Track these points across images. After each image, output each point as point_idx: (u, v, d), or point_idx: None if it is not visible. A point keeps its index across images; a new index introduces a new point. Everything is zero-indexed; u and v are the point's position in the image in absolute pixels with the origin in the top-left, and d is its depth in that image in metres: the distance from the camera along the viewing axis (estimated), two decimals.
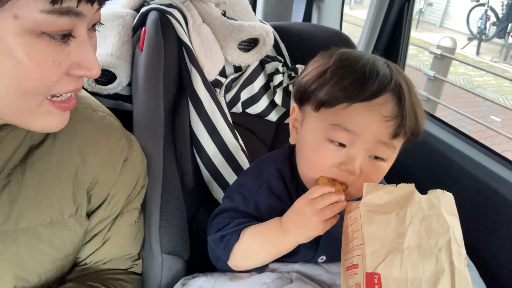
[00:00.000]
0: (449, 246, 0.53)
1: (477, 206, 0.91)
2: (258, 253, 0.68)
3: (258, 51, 1.06)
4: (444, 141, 1.03)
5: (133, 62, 0.96)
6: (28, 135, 0.61)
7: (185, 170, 0.93)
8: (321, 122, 0.66)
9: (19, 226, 0.60)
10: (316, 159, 0.66)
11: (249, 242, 0.67)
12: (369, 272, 0.52)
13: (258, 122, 1.10)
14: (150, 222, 0.77)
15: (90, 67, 0.52)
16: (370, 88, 0.62)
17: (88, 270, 0.74)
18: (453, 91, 5.03)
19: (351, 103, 0.62)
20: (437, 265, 0.52)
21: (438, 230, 0.54)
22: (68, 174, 0.64)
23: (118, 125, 0.73)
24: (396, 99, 0.63)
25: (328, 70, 0.66)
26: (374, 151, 0.64)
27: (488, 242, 0.88)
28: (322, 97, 0.65)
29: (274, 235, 0.65)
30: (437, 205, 0.56)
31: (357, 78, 0.63)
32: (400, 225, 0.54)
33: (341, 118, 0.63)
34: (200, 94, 0.92)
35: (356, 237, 0.56)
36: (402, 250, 0.53)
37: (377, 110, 0.62)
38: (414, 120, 0.64)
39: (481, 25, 7.04)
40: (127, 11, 1.01)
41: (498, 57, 6.74)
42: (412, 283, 0.51)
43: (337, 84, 0.64)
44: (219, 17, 1.02)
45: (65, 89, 0.52)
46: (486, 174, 0.90)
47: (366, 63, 0.65)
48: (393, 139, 0.63)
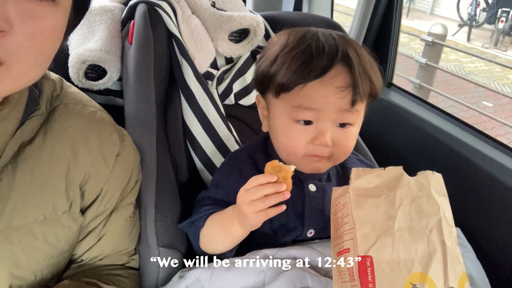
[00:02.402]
0: (440, 226, 0.54)
1: (469, 188, 0.92)
2: (217, 239, 0.71)
3: (249, 41, 1.06)
4: (436, 125, 1.04)
5: (123, 56, 0.94)
6: (18, 132, 0.61)
7: (178, 163, 0.92)
8: (284, 106, 0.69)
9: (12, 224, 0.60)
10: (290, 142, 0.70)
11: (210, 228, 0.72)
12: (361, 255, 0.52)
13: (252, 114, 1.10)
14: (146, 216, 0.77)
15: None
16: (320, 64, 0.65)
17: (84, 267, 0.74)
18: (445, 78, 5.06)
19: (306, 83, 0.66)
20: (429, 245, 0.52)
21: (428, 211, 0.55)
22: (60, 170, 0.64)
23: (109, 120, 0.72)
24: (346, 69, 0.66)
25: (278, 57, 0.69)
26: (340, 119, 0.68)
27: (482, 223, 0.89)
28: (278, 83, 0.68)
29: (227, 222, 0.69)
30: (427, 186, 0.57)
31: (305, 58, 0.66)
32: (390, 208, 0.55)
33: (300, 99, 0.67)
34: (192, 86, 0.91)
35: (347, 221, 0.56)
36: (393, 232, 0.53)
37: (330, 84, 0.65)
38: (368, 84, 0.68)
39: (471, 12, 7.06)
40: (115, 4, 0.99)
41: (488, 43, 6.76)
42: (404, 264, 0.51)
43: (289, 68, 0.67)
44: (208, 8, 1.01)
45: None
46: (479, 157, 0.91)
47: (311, 41, 0.68)
48: (353, 106, 0.67)
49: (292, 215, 0.74)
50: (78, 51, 0.90)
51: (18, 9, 0.45)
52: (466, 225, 0.84)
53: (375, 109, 0.76)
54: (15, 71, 0.48)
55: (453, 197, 0.95)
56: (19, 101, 0.59)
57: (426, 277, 0.50)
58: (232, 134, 0.99)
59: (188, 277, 0.68)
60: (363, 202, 0.56)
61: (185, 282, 0.68)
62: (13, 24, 0.45)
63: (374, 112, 0.77)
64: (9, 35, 0.45)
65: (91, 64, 0.92)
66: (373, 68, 0.70)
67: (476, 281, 0.67)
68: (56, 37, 0.51)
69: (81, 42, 0.94)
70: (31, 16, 0.46)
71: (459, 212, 0.93)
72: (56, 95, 0.67)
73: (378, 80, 0.71)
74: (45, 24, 0.48)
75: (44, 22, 0.48)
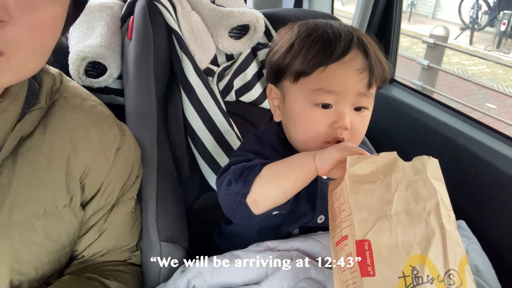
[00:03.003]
0: (438, 210, 0.53)
1: (474, 180, 0.91)
2: (284, 177, 0.65)
3: (250, 38, 1.05)
4: (439, 119, 1.04)
5: (123, 52, 0.94)
6: (18, 126, 0.60)
7: (180, 159, 0.92)
8: (303, 90, 0.69)
9: (12, 218, 0.59)
10: (310, 125, 0.70)
11: (274, 169, 0.66)
12: (359, 239, 0.51)
13: (253, 110, 1.09)
14: (147, 210, 0.76)
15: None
16: (339, 47, 0.67)
17: (85, 263, 0.73)
18: (448, 81, 5.05)
19: (326, 65, 0.67)
20: (427, 228, 0.52)
21: (425, 195, 0.54)
22: (60, 163, 0.63)
23: (109, 114, 0.72)
24: (362, 53, 0.68)
25: (295, 43, 0.70)
26: (357, 103, 0.69)
27: (487, 215, 0.87)
28: (298, 68, 0.68)
29: (303, 157, 0.65)
30: (423, 171, 0.56)
31: (324, 42, 0.68)
32: (386, 192, 0.54)
33: (321, 82, 0.67)
34: (192, 81, 0.91)
35: (344, 209, 0.56)
36: (390, 216, 0.52)
37: (350, 66, 0.67)
38: (380, 67, 0.70)
39: (473, 15, 7.06)
40: (115, 1, 1.00)
41: (491, 46, 6.76)
42: (403, 247, 0.50)
43: (308, 53, 0.68)
44: (208, 4, 1.01)
45: None
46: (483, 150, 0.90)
47: (326, 28, 0.70)
48: (369, 88, 0.69)
49: (304, 199, 0.73)
50: (78, 47, 0.90)
51: (17, 0, 0.45)
52: (471, 217, 0.83)
53: (377, 104, 0.76)
54: (14, 62, 0.48)
55: (458, 190, 0.95)
56: (19, 94, 0.59)
57: (426, 260, 0.49)
58: (233, 130, 0.98)
59: (190, 271, 0.67)
60: (359, 188, 0.55)
61: (187, 276, 0.67)
62: (12, 14, 0.44)
63: (376, 107, 0.77)
64: (8, 25, 0.45)
65: (91, 61, 0.92)
66: (382, 55, 0.73)
67: (482, 272, 0.66)
68: (55, 28, 0.51)
69: (81, 39, 0.94)
70: (30, 7, 0.46)
71: (463, 204, 0.93)
72: (55, 89, 0.67)
73: (387, 64, 0.73)
74: (44, 15, 0.48)
75: (43, 13, 0.47)
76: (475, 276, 0.64)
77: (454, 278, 0.48)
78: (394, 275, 0.48)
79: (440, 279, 0.48)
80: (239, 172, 0.67)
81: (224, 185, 0.69)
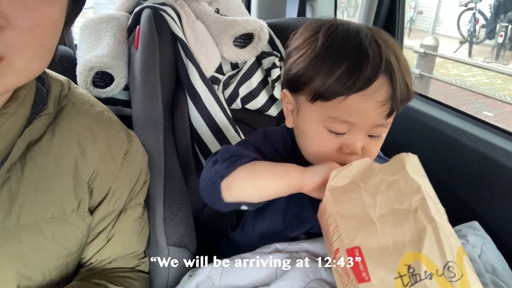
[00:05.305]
0: (425, 204, 0.51)
1: (485, 181, 0.90)
2: (267, 178, 0.64)
3: (254, 46, 1.07)
4: (444, 120, 1.04)
5: (129, 62, 0.96)
6: (27, 131, 0.61)
7: (187, 165, 0.92)
8: (318, 114, 0.65)
9: (20, 222, 0.59)
10: (319, 147, 0.67)
11: (261, 167, 0.65)
12: (349, 247, 0.51)
13: (259, 118, 1.10)
14: (155, 214, 0.76)
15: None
16: (364, 74, 0.60)
17: (93, 271, 0.72)
18: (446, 92, 5.12)
19: (348, 95, 0.61)
20: (417, 224, 0.50)
21: (409, 192, 0.53)
22: (68, 167, 0.63)
23: (117, 120, 0.72)
24: (388, 81, 0.61)
25: (318, 57, 0.63)
26: (372, 132, 0.65)
27: (500, 216, 0.86)
28: (317, 90, 0.63)
29: (293, 168, 0.64)
30: (402, 169, 0.55)
31: (350, 65, 0.61)
32: (368, 197, 0.54)
33: (339, 112, 0.62)
34: (198, 88, 0.92)
35: (330, 223, 0.56)
36: (375, 220, 0.52)
37: (372, 98, 0.61)
38: (405, 91, 0.64)
39: (471, 28, 7.14)
40: (121, 13, 1.02)
41: (490, 58, 6.81)
42: (394, 247, 0.49)
43: (330, 74, 0.61)
44: (212, 14, 1.03)
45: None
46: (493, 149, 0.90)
47: (355, 44, 0.62)
48: (387, 119, 0.64)
49: (309, 205, 0.71)
50: (85, 58, 0.92)
51: (12, 3, 0.44)
52: (485, 218, 0.82)
53: None
54: (16, 65, 0.48)
55: (469, 191, 0.94)
56: (27, 98, 0.60)
57: (421, 256, 0.47)
58: (240, 137, 0.98)
59: (199, 274, 0.66)
60: (340, 199, 0.56)
61: (195, 280, 0.66)
62: (9, 18, 0.44)
63: None
64: (6, 30, 0.45)
65: (98, 72, 0.94)
66: (408, 73, 0.66)
67: (498, 270, 0.65)
68: (54, 28, 0.51)
69: (89, 51, 0.96)
70: (26, 9, 0.46)
71: (475, 205, 0.92)
72: (64, 95, 0.68)
73: (412, 85, 0.67)
74: (41, 16, 0.48)
75: (40, 14, 0.47)
76: (491, 275, 0.63)
77: (454, 270, 0.47)
78: (390, 277, 0.47)
79: (439, 273, 0.46)
80: (228, 155, 0.66)
81: (210, 162, 0.68)
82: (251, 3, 1.45)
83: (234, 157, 0.65)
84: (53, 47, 0.54)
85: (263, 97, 1.10)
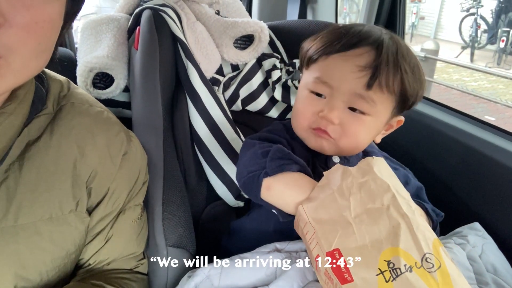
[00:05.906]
0: (396, 201, 0.54)
1: (486, 182, 0.89)
2: (293, 189, 0.64)
3: (254, 48, 1.07)
4: (444, 121, 1.04)
5: (129, 64, 0.96)
6: (25, 131, 0.60)
7: (187, 167, 0.91)
8: (308, 77, 0.71)
9: (18, 222, 0.58)
10: (301, 109, 0.72)
11: (300, 181, 0.65)
12: (329, 251, 0.52)
13: (260, 120, 1.10)
14: (153, 215, 0.76)
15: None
16: (349, 40, 0.66)
17: (91, 272, 0.72)
18: (448, 96, 5.19)
19: (329, 54, 0.67)
20: (391, 221, 0.52)
21: (379, 191, 0.56)
22: (66, 167, 0.63)
23: (116, 120, 0.72)
24: (375, 51, 0.64)
25: (318, 37, 0.72)
26: (352, 103, 0.66)
27: (502, 216, 0.86)
28: (309, 54, 0.71)
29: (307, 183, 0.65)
30: (370, 170, 0.58)
31: (339, 34, 0.68)
32: (342, 200, 0.56)
33: (321, 71, 0.68)
34: (198, 89, 0.92)
35: (307, 231, 0.57)
36: (351, 220, 0.54)
37: (352, 60, 0.64)
38: (398, 79, 0.64)
39: (473, 33, 7.15)
40: (122, 14, 1.02)
41: (491, 63, 6.81)
42: (373, 245, 0.51)
43: (321, 41, 0.69)
44: (212, 15, 1.03)
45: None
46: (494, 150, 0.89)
47: (359, 27, 0.69)
48: (367, 90, 0.64)
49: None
50: (85, 59, 0.92)
51: (10, 1, 0.44)
52: (486, 220, 0.81)
53: None
54: (15, 64, 0.48)
55: (470, 192, 0.93)
56: (26, 97, 0.60)
57: (399, 250, 0.49)
58: (240, 138, 0.98)
59: (198, 275, 0.66)
60: (316, 207, 0.58)
61: (194, 281, 0.66)
62: (7, 17, 0.44)
63: None
64: (3, 28, 0.44)
65: (98, 73, 0.94)
66: (413, 72, 0.67)
67: (499, 270, 0.64)
68: (52, 27, 0.51)
69: (89, 52, 0.96)
70: (24, 6, 0.45)
71: (477, 206, 0.91)
72: (63, 95, 0.67)
73: (413, 84, 0.67)
74: (39, 14, 0.47)
75: (38, 12, 0.47)
76: (493, 275, 0.63)
77: (431, 261, 0.49)
78: (372, 274, 0.49)
79: (418, 265, 0.49)
80: (280, 154, 0.67)
81: (259, 150, 0.69)
82: (252, 6, 1.45)
83: (285, 160, 0.66)
84: (52, 46, 0.54)
85: (264, 98, 1.09)
